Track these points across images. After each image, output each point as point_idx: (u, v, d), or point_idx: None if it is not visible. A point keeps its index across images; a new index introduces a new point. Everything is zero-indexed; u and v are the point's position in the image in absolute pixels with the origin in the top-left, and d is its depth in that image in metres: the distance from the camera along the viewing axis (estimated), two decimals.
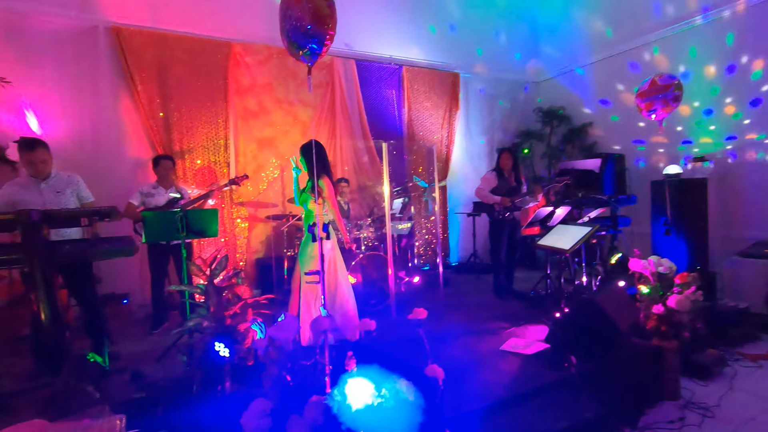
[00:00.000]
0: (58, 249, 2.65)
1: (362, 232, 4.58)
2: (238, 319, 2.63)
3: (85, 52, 4.43)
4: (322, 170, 3.23)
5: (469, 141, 6.95)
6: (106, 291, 4.35)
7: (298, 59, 2.64)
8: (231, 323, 2.57)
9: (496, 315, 4.00)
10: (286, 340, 1.83)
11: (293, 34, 2.44)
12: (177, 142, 4.82)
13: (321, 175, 3.22)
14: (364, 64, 5.97)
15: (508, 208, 4.57)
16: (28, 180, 3.17)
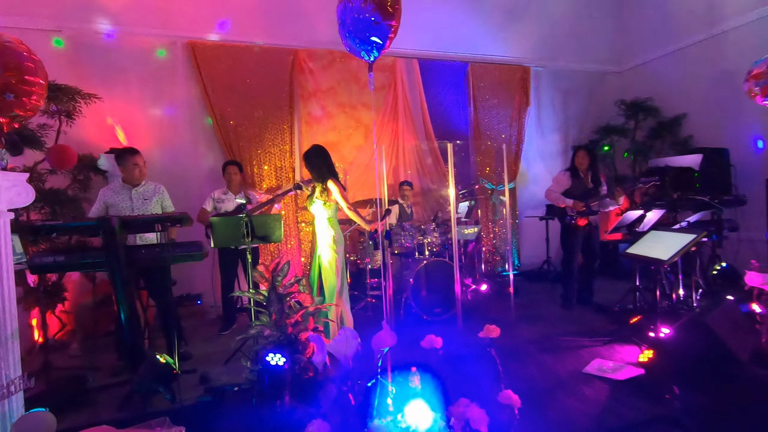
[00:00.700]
0: (135, 253, 2.78)
1: (426, 237, 4.39)
2: (300, 328, 2.57)
3: (164, 68, 4.73)
4: (327, 174, 3.33)
5: (541, 139, 6.48)
6: (181, 292, 4.58)
7: (358, 56, 2.50)
8: (292, 332, 2.51)
9: (576, 330, 3.61)
10: (345, 357, 1.70)
11: (354, 28, 2.31)
12: (246, 148, 4.98)
13: (326, 178, 3.30)
14: (428, 63, 5.79)
15: (582, 212, 4.15)
16: (121, 186, 3.47)
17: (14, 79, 1.57)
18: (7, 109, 1.58)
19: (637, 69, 6.55)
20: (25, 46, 1.69)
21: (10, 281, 1.92)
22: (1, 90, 1.55)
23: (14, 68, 1.58)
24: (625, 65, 6.71)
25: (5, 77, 1.55)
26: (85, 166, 4.16)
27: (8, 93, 1.57)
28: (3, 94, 1.56)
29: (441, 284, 4.11)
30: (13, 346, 1.83)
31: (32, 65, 1.68)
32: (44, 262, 2.59)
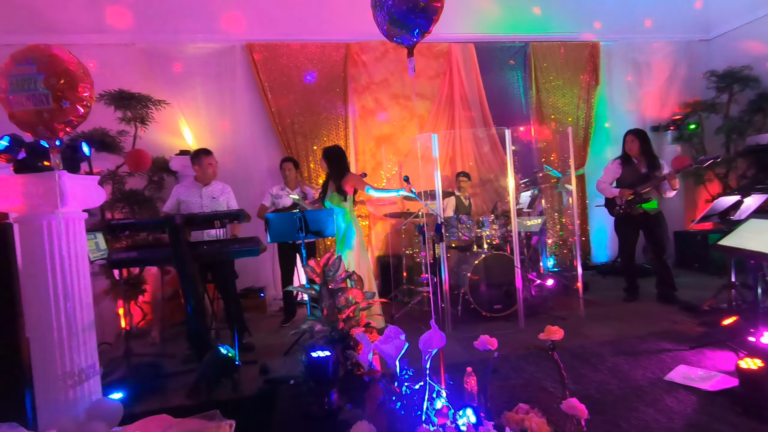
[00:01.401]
0: (198, 248, 2.91)
1: (484, 229, 4.18)
2: (351, 324, 2.55)
3: (225, 70, 4.94)
4: (346, 171, 3.62)
5: (613, 120, 5.90)
6: (245, 285, 4.79)
7: (396, 40, 2.34)
8: (343, 327, 2.49)
9: (657, 332, 3.23)
10: (390, 357, 1.62)
11: (396, 10, 2.17)
12: (302, 145, 5.08)
13: (344, 175, 3.57)
14: (484, 46, 5.50)
15: (631, 201, 3.90)
16: (193, 185, 3.71)
17: (67, 87, 1.67)
18: (63, 116, 1.69)
19: (731, 34, 5.72)
20: (72, 56, 1.80)
21: (86, 276, 2.08)
22: (58, 98, 1.65)
23: (66, 77, 1.68)
24: (715, 31, 5.90)
25: (60, 86, 1.65)
26: (158, 167, 4.47)
27: (64, 101, 1.67)
28: (59, 102, 1.66)
29: (501, 279, 3.89)
30: (87, 337, 1.98)
31: (81, 74, 1.77)
32: (120, 257, 2.81)
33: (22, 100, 1.66)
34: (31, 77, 1.65)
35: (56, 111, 1.68)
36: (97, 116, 3.98)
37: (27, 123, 1.70)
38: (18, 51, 1.72)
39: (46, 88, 1.66)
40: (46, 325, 1.87)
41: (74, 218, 2.02)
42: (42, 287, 1.87)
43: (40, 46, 1.74)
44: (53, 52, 1.71)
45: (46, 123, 1.68)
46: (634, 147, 3.99)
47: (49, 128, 1.69)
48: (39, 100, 1.66)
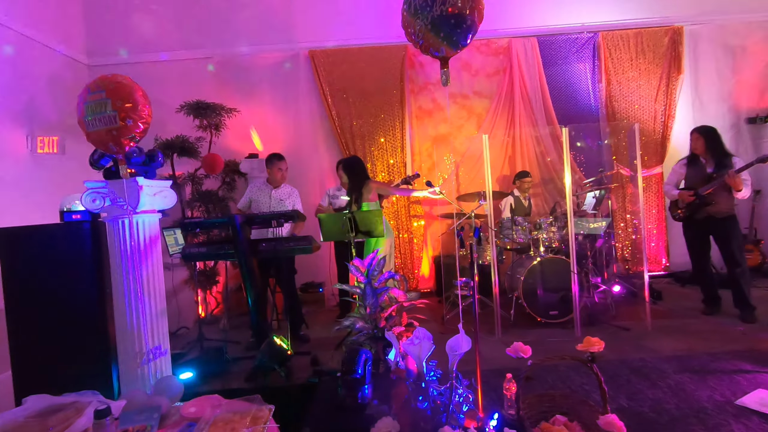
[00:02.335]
0: (257, 245, 3.18)
1: (542, 232, 4.01)
2: (393, 323, 2.62)
3: (289, 78, 5.26)
4: (364, 179, 3.71)
5: (699, 112, 5.32)
6: (305, 280, 5.07)
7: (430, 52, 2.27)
8: (384, 326, 2.58)
9: (735, 350, 2.89)
10: (418, 357, 1.67)
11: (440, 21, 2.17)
12: (360, 146, 5.24)
13: (363, 184, 3.67)
14: (548, 39, 5.25)
15: (692, 204, 3.58)
16: (264, 186, 4.03)
17: (130, 108, 1.95)
18: (128, 132, 1.96)
19: None
20: (135, 83, 2.09)
21: (159, 269, 2.38)
22: (124, 117, 1.92)
23: (130, 100, 1.96)
24: None
25: (125, 108, 1.93)
26: (230, 170, 4.90)
27: (129, 119, 1.94)
28: (125, 121, 1.93)
29: (559, 284, 3.72)
30: (158, 322, 2.27)
31: (141, 97, 2.06)
32: (192, 251, 3.15)
33: (95, 122, 1.97)
34: (102, 102, 1.96)
35: (122, 128, 1.97)
36: (179, 125, 4.52)
37: (100, 141, 2.01)
38: (92, 81, 2.05)
39: (113, 110, 1.96)
40: (126, 309, 2.18)
41: (149, 218, 2.32)
42: (122, 277, 2.19)
43: (108, 76, 2.07)
44: (119, 80, 2.03)
45: (114, 139, 1.97)
46: (699, 145, 3.67)
47: (116, 143, 1.99)
48: (108, 121, 1.96)
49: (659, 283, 4.80)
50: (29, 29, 4.15)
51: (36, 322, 2.21)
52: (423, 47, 2.15)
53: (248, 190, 4.10)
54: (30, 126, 4.06)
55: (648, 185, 5.32)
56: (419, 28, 2.07)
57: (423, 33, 2.09)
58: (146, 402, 1.80)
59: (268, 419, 1.68)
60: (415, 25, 2.08)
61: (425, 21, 2.10)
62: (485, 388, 2.32)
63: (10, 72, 3.90)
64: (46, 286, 2.21)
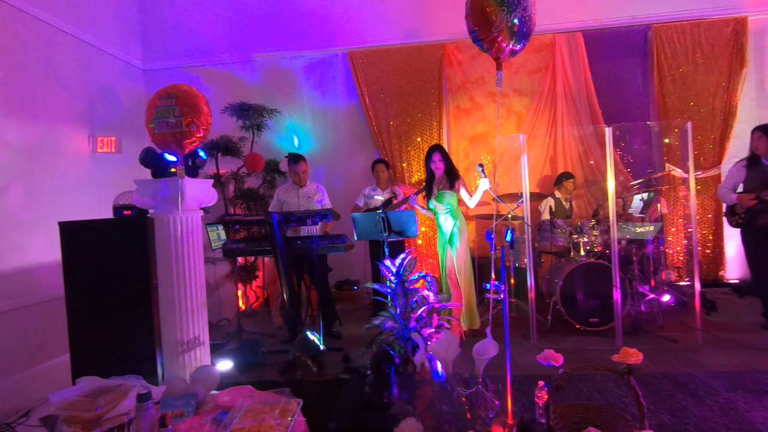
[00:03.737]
0: (292, 243, 3.27)
1: (583, 235, 3.86)
2: (423, 324, 2.61)
3: (328, 78, 5.37)
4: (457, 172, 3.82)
5: (764, 110, 4.91)
6: (341, 278, 5.16)
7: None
8: (415, 326, 2.58)
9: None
10: (444, 360, 1.66)
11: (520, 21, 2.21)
12: (397, 146, 5.25)
13: (458, 174, 3.81)
14: (594, 34, 5.02)
15: (753, 209, 3.30)
16: (292, 186, 4.13)
17: (194, 114, 2.08)
18: (191, 135, 2.09)
19: None
20: (200, 92, 2.24)
21: (200, 263, 2.50)
22: (188, 123, 2.05)
23: (193, 107, 2.10)
24: None
25: (190, 115, 2.06)
26: (270, 168, 5.06)
27: (193, 125, 2.07)
28: (189, 126, 2.06)
29: (600, 290, 3.56)
30: (198, 314, 2.39)
31: (203, 104, 2.20)
32: (232, 247, 3.30)
33: (162, 125, 2.12)
34: (170, 107, 2.12)
35: (186, 132, 2.11)
36: (223, 125, 4.72)
37: (164, 142, 2.17)
38: (161, 89, 2.22)
39: (179, 115, 2.11)
40: (169, 300, 2.31)
41: (192, 215, 2.45)
42: (167, 270, 2.32)
43: (178, 85, 2.28)
44: (186, 89, 2.20)
45: (178, 141, 2.11)
46: (762, 145, 3.40)
47: (179, 145, 2.13)
48: (174, 125, 2.11)
49: (714, 293, 4.48)
50: (91, 36, 4.48)
51: (92, 309, 2.39)
52: (489, 39, 2.22)
53: (277, 193, 4.16)
54: (91, 127, 4.39)
55: (704, 188, 4.97)
56: (500, 21, 2.14)
57: (501, 26, 2.16)
58: (185, 389, 1.91)
59: (296, 412, 1.73)
60: (498, 15, 2.14)
61: (509, 16, 2.17)
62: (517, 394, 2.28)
63: (74, 77, 4.23)
64: (100, 277, 2.38)
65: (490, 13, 2.17)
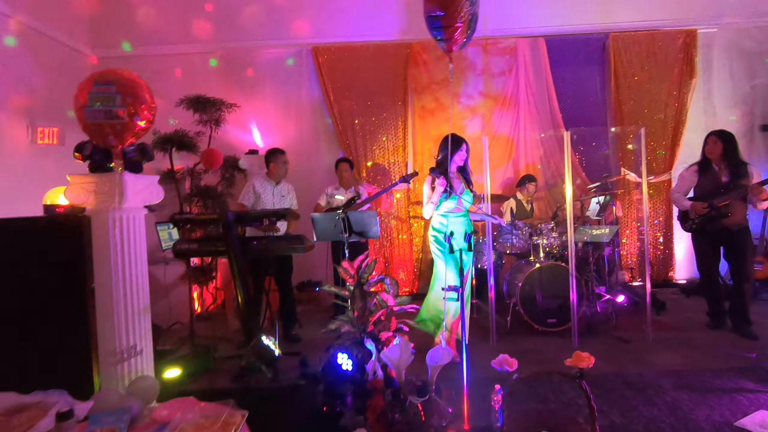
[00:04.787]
0: (249, 244, 3.13)
1: (542, 237, 3.92)
2: (381, 327, 2.55)
3: (292, 74, 5.23)
4: None
5: (711, 119, 5.16)
6: (303, 278, 5.02)
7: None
8: (373, 330, 2.51)
9: (738, 367, 2.78)
10: (397, 367, 1.60)
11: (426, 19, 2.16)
12: (361, 145, 5.18)
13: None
14: (556, 40, 5.13)
15: (706, 216, 3.38)
16: (267, 180, 3.96)
17: (136, 105, 1.94)
18: (133, 128, 1.94)
19: None
20: (143, 81, 2.08)
21: (142, 264, 2.32)
22: (132, 114, 1.90)
23: (136, 97, 1.97)
24: None
25: (133, 105, 1.93)
26: (230, 165, 4.86)
27: (136, 116, 1.92)
28: (132, 117, 1.91)
29: (558, 291, 3.63)
30: (142, 319, 2.22)
31: (145, 93, 2.04)
32: (182, 247, 3.10)
33: (98, 114, 1.94)
34: (109, 96, 1.94)
35: (128, 124, 1.95)
36: (179, 118, 4.49)
37: (100, 133, 1.99)
38: (99, 73, 2.03)
39: (122, 105, 1.94)
40: (107, 305, 2.14)
41: (134, 213, 2.28)
42: (105, 273, 2.14)
43: (118, 70, 2.08)
44: (130, 77, 2.04)
45: (117, 133, 1.95)
46: (716, 150, 3.42)
47: (119, 137, 1.97)
48: (114, 115, 1.94)
49: (664, 293, 4.66)
50: (34, 20, 4.14)
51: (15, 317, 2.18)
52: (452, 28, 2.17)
53: (253, 184, 3.95)
54: (30, 116, 4.06)
55: (656, 192, 5.18)
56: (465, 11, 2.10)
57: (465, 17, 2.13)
58: (118, 403, 1.75)
59: (240, 425, 1.62)
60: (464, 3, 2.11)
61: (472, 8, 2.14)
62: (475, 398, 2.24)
63: (14, 63, 3.89)
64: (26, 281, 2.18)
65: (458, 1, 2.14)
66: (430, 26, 2.26)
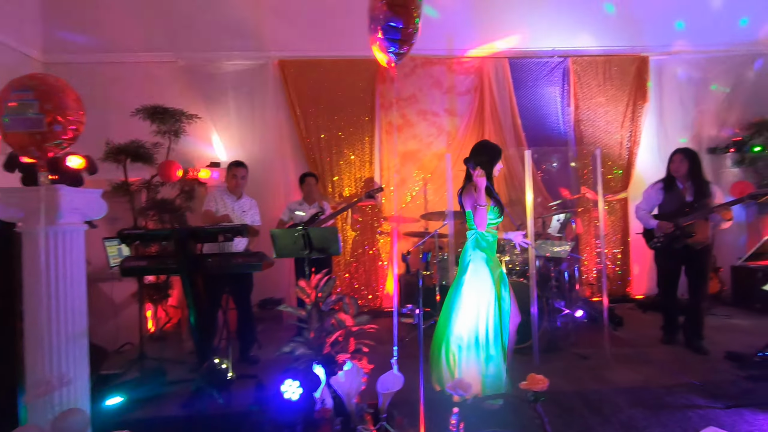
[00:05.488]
0: (203, 261, 2.98)
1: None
2: (339, 348, 2.46)
3: (257, 86, 5.13)
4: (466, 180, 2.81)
5: (663, 140, 5.41)
6: (266, 296, 4.86)
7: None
8: (330, 352, 2.42)
9: (688, 384, 2.84)
10: (347, 395, 1.52)
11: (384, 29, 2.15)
12: (327, 160, 5.12)
13: (464, 186, 2.84)
14: (519, 61, 5.29)
15: (671, 235, 3.46)
16: (228, 194, 3.80)
17: (59, 112, 1.78)
18: (54, 138, 1.79)
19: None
20: (69, 86, 1.93)
21: (79, 285, 2.16)
22: (50, 123, 1.76)
23: (61, 104, 1.81)
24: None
25: (53, 112, 1.78)
26: (189, 178, 4.68)
27: (57, 125, 1.78)
28: (51, 126, 1.77)
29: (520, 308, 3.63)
30: (76, 345, 2.05)
31: (74, 101, 1.90)
32: (131, 265, 2.93)
33: (16, 123, 1.79)
34: (28, 103, 1.79)
35: (47, 134, 1.80)
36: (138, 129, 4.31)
37: (19, 144, 1.83)
38: (17, 79, 1.87)
39: (40, 113, 1.79)
40: (37, 330, 1.96)
41: (72, 229, 2.12)
42: (35, 294, 1.97)
43: (39, 75, 1.91)
44: (50, 82, 1.87)
45: (37, 144, 1.80)
46: (682, 169, 3.48)
47: (39, 148, 1.81)
48: (32, 124, 1.78)
49: (621, 308, 4.79)
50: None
51: None
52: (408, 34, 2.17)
53: (215, 196, 3.77)
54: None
55: (612, 210, 5.36)
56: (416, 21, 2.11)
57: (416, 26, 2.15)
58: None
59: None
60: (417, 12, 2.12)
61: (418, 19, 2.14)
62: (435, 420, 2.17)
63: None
64: None
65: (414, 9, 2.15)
66: (386, 36, 2.23)
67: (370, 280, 5.17)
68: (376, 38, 2.28)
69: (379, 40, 2.26)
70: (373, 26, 2.28)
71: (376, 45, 2.33)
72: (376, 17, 2.21)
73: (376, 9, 2.19)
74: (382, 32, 2.19)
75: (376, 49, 2.36)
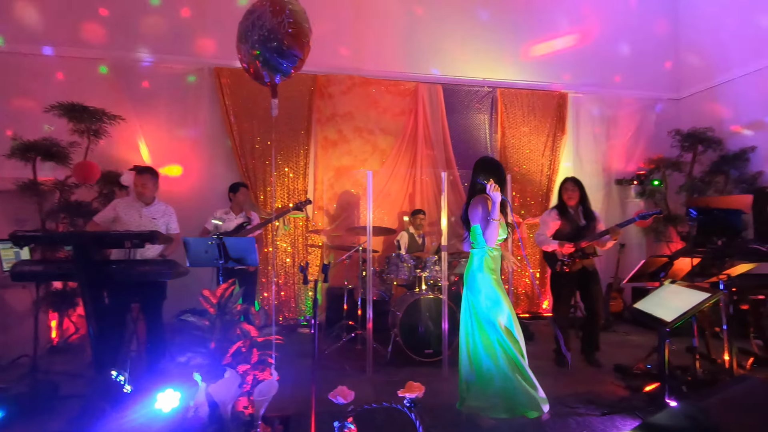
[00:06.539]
0: (106, 268, 2.86)
1: (426, 270, 4.10)
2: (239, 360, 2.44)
3: (191, 92, 5.04)
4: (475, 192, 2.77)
5: (579, 170, 5.91)
6: (183, 306, 4.67)
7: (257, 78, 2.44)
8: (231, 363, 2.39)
9: (577, 392, 3.10)
10: (223, 403, 1.54)
11: (263, 48, 2.25)
12: (260, 170, 5.09)
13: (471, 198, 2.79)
14: (452, 88, 5.60)
15: (574, 254, 3.71)
16: (135, 202, 3.58)
17: None
18: None
19: (697, 96, 5.82)
20: None
21: None
22: None
23: None
24: (683, 92, 6.00)
25: None
26: (109, 181, 4.47)
27: None
28: None
29: (437, 323, 3.79)
30: None
31: None
32: (23, 270, 2.74)
33: None
34: None
35: None
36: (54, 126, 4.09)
37: None
38: None
39: None
40: None
41: None
42: None
43: None
44: None
45: None
46: (575, 196, 3.80)
47: None
48: None
49: (537, 324, 5.10)
50: None
51: None
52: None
53: (115, 204, 3.55)
54: None
55: (533, 231, 5.72)
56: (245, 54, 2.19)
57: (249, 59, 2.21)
58: None
59: None
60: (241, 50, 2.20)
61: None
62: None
63: None
64: None
65: (307, 33, 2.29)
66: (287, 62, 2.34)
67: (299, 292, 5.15)
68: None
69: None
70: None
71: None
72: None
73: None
74: (286, 59, 2.31)
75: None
